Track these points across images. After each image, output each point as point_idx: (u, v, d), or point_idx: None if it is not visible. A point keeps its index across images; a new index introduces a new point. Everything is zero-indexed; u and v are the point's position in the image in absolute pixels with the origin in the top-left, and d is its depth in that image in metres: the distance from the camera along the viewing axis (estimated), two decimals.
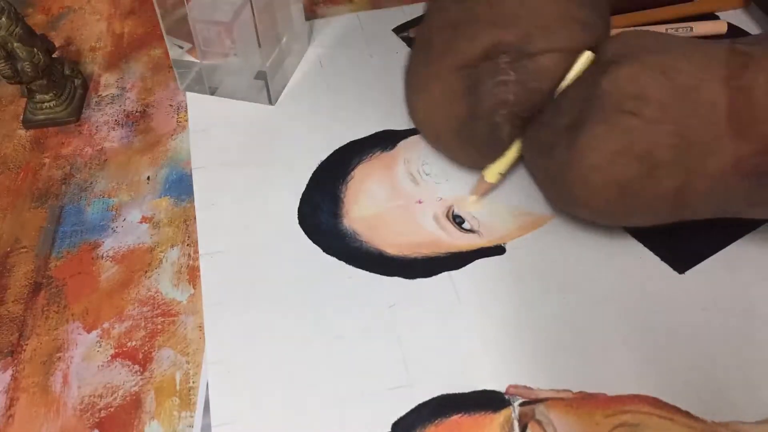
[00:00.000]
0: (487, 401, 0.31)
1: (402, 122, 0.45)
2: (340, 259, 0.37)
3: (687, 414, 0.30)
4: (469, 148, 0.39)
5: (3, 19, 0.42)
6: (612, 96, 0.31)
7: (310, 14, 0.54)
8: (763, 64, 0.30)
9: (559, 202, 0.36)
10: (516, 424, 0.31)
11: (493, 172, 0.39)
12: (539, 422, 0.30)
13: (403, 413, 0.31)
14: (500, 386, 0.32)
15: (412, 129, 0.44)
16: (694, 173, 0.31)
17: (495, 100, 0.36)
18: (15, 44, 0.43)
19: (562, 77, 0.35)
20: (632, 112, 0.31)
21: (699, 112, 0.30)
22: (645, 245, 0.37)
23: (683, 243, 0.37)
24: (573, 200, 0.34)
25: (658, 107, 0.31)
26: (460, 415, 0.31)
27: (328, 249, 0.38)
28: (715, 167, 0.31)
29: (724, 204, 0.32)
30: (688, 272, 0.36)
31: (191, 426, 0.32)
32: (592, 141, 0.32)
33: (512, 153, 0.38)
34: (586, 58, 0.35)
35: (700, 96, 0.30)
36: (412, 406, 0.32)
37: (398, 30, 0.52)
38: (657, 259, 0.37)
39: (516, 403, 0.31)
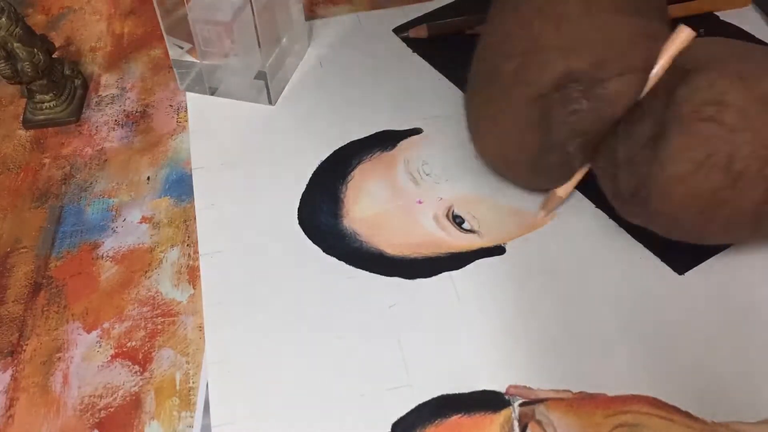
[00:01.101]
0: (487, 401, 0.31)
1: (402, 122, 0.45)
2: (340, 259, 0.38)
3: (687, 414, 0.30)
4: (540, 177, 0.38)
5: (3, 19, 0.42)
6: (690, 103, 0.31)
7: (310, 14, 0.54)
8: None
9: (639, 216, 0.35)
10: (516, 424, 0.31)
11: (566, 188, 0.38)
12: (539, 422, 0.30)
13: (403, 413, 0.31)
14: (500, 386, 0.32)
15: (412, 129, 0.44)
16: None
17: (568, 131, 0.34)
18: (15, 44, 0.43)
19: (635, 98, 0.34)
20: (712, 119, 0.30)
21: None
22: (645, 246, 0.37)
23: (683, 244, 0.37)
24: (655, 215, 0.33)
25: (738, 113, 0.30)
26: (460, 415, 0.31)
27: (328, 249, 0.38)
28: None
29: None
30: (687, 273, 0.36)
31: (191, 426, 0.32)
32: (674, 152, 0.31)
33: (584, 170, 0.38)
34: (685, 36, 0.33)
35: None
36: (412, 406, 0.32)
37: (398, 30, 0.52)
38: (657, 259, 0.37)
39: (516, 404, 0.31)
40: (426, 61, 0.49)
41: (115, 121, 0.47)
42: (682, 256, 0.37)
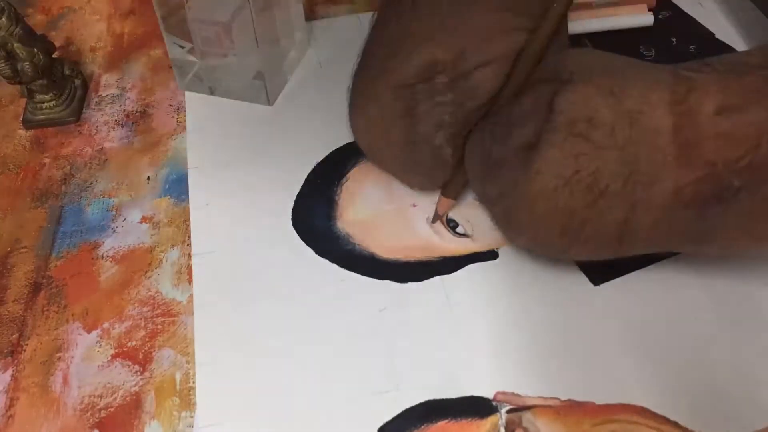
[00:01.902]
0: (475, 407, 0.32)
1: None
2: (332, 261, 0.38)
3: (675, 424, 0.31)
4: (416, 174, 0.38)
5: (3, 19, 0.42)
6: (565, 116, 0.30)
7: (310, 15, 0.54)
8: (707, 89, 0.29)
9: (503, 227, 0.35)
10: (503, 431, 0.31)
11: (451, 189, 0.38)
12: (526, 429, 0.31)
13: (389, 418, 0.32)
14: (488, 393, 0.32)
15: None
16: (639, 204, 0.30)
17: (432, 122, 0.35)
18: (15, 44, 0.43)
19: (498, 90, 0.34)
20: (583, 136, 0.30)
21: (644, 138, 0.30)
22: None
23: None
24: (515, 225, 0.33)
25: (608, 132, 0.30)
26: (447, 420, 0.31)
27: (320, 251, 0.38)
28: (658, 197, 0.30)
29: (667, 239, 0.31)
30: (681, 280, 0.36)
31: (191, 426, 0.32)
32: (543, 165, 0.31)
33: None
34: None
35: (645, 121, 0.30)
36: (399, 410, 0.32)
37: None
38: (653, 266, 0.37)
39: (503, 410, 0.31)
40: None
41: (115, 121, 0.47)
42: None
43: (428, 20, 0.34)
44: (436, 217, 0.39)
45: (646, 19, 0.49)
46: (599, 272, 0.36)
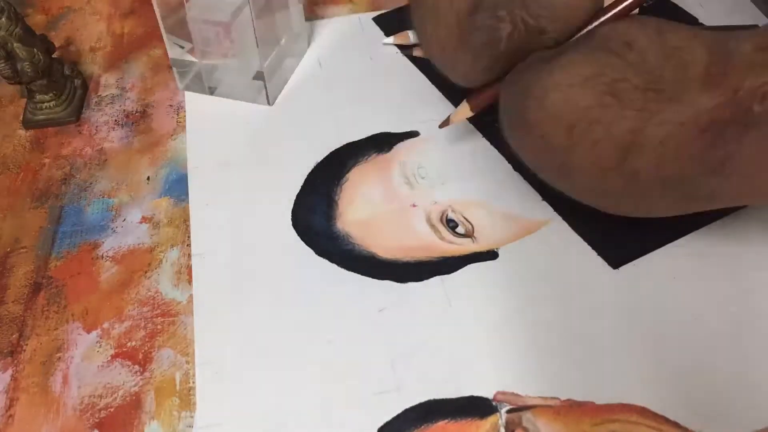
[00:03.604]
0: (475, 407, 0.32)
1: (399, 125, 0.45)
2: (332, 261, 0.38)
3: (675, 424, 0.31)
4: (465, 46, 0.37)
5: (3, 19, 0.42)
6: (602, 37, 0.32)
7: (311, 15, 0.54)
8: (747, 36, 0.31)
9: (513, 129, 0.35)
10: (503, 431, 0.31)
11: (476, 98, 0.39)
12: (526, 429, 0.31)
13: (389, 418, 0.32)
14: (488, 392, 0.32)
15: (409, 132, 0.44)
16: (652, 117, 0.31)
17: None
18: (15, 44, 0.43)
19: (576, 19, 0.35)
20: (615, 52, 0.31)
21: (676, 66, 0.31)
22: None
23: None
24: (524, 124, 0.33)
25: (640, 55, 0.31)
26: (446, 421, 0.31)
27: (320, 251, 0.38)
28: (674, 114, 0.30)
29: (678, 164, 0.31)
30: (678, 279, 0.36)
31: (191, 426, 0.32)
32: (565, 63, 0.32)
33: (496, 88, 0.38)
34: None
35: (682, 54, 0.31)
36: (399, 411, 0.32)
37: (379, 22, 0.52)
38: (649, 266, 0.37)
39: (503, 410, 0.31)
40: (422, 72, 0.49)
41: (115, 121, 0.47)
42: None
43: None
44: (446, 123, 0.41)
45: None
46: (617, 253, 0.37)
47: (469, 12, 0.36)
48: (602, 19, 0.36)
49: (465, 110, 0.40)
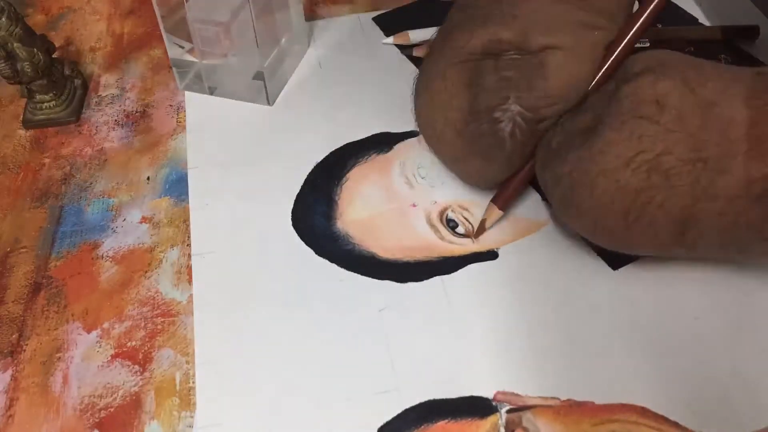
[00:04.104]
0: (475, 407, 0.32)
1: (399, 125, 0.45)
2: (332, 261, 0.38)
3: (675, 424, 0.31)
4: (472, 155, 0.37)
5: (3, 19, 0.42)
6: (631, 100, 0.31)
7: (310, 15, 0.54)
8: None
9: (563, 212, 0.35)
10: (503, 431, 0.31)
11: (500, 198, 0.38)
12: (526, 429, 0.31)
13: (389, 418, 0.32)
14: (488, 392, 0.32)
15: (409, 132, 0.44)
16: (704, 192, 0.30)
17: (496, 96, 0.35)
18: (15, 44, 0.43)
19: (569, 77, 0.34)
20: (649, 118, 0.30)
21: (717, 127, 0.30)
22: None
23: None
24: (574, 209, 0.33)
25: (676, 116, 0.30)
26: (446, 421, 0.31)
27: (320, 251, 0.38)
28: (726, 187, 0.30)
29: (733, 233, 0.31)
30: (678, 280, 0.36)
31: (191, 426, 0.32)
32: (604, 146, 0.31)
33: (523, 174, 0.37)
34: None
35: (720, 111, 0.30)
36: (399, 411, 0.32)
37: (379, 21, 0.53)
38: (646, 266, 0.37)
39: (503, 410, 0.32)
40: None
41: (115, 121, 0.47)
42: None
43: (490, 8, 0.35)
44: (481, 231, 0.38)
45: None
46: (615, 254, 0.36)
47: (465, 122, 0.36)
48: (607, 64, 0.35)
49: (495, 213, 0.38)
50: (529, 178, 0.38)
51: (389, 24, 0.53)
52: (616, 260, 0.37)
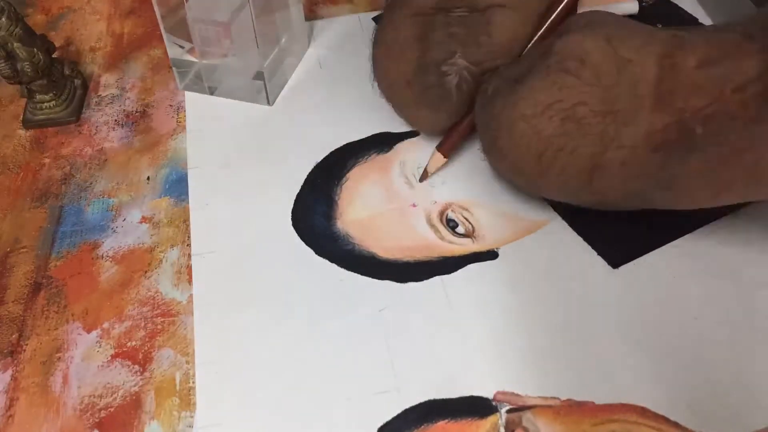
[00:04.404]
0: (475, 407, 0.32)
1: (399, 125, 0.45)
2: (332, 261, 0.38)
3: (675, 424, 0.31)
4: (420, 104, 0.40)
5: (3, 19, 0.42)
6: (558, 55, 0.33)
7: (310, 15, 0.54)
8: (694, 46, 0.31)
9: (488, 154, 0.37)
10: (503, 431, 0.31)
11: (446, 144, 0.40)
12: (526, 429, 0.31)
13: (389, 418, 0.32)
14: (488, 392, 0.32)
15: (409, 132, 0.44)
16: (610, 141, 0.32)
17: (444, 50, 0.38)
18: (15, 44, 0.43)
19: (517, 37, 0.37)
20: (571, 72, 0.32)
21: (629, 83, 0.32)
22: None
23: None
24: (497, 151, 0.35)
25: (594, 72, 0.32)
26: (446, 421, 0.31)
27: (320, 251, 0.38)
28: (630, 138, 0.32)
29: (637, 183, 0.33)
30: (678, 279, 0.36)
31: (191, 426, 0.32)
32: (527, 93, 0.33)
33: (466, 122, 0.40)
34: None
35: (633, 69, 0.32)
36: (399, 411, 0.32)
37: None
38: (649, 266, 0.37)
39: (503, 410, 0.31)
40: None
41: (115, 121, 0.47)
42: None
43: None
44: (425, 176, 0.41)
45: (632, 6, 0.51)
46: (617, 253, 0.37)
47: (414, 73, 0.39)
48: (546, 25, 0.38)
49: (439, 159, 0.41)
50: (472, 125, 0.40)
51: None
52: (616, 259, 0.37)
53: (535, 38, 0.38)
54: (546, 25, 0.38)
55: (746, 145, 0.30)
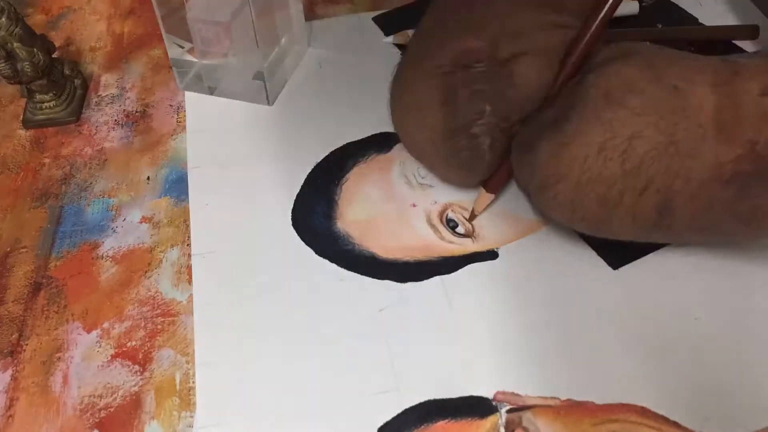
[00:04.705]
0: (474, 407, 0.32)
1: None
2: (332, 261, 0.38)
3: (675, 424, 0.31)
4: (453, 167, 0.37)
5: (3, 19, 0.42)
6: (599, 87, 0.31)
7: (310, 14, 0.54)
8: (753, 72, 0.30)
9: (539, 203, 0.35)
10: (503, 430, 0.31)
11: (492, 183, 0.38)
12: (526, 429, 0.31)
13: (389, 418, 0.32)
14: (488, 392, 0.32)
15: None
16: (676, 176, 0.31)
17: (471, 111, 0.35)
18: (15, 44, 0.43)
19: (541, 83, 0.34)
20: (619, 103, 0.31)
21: (685, 112, 0.30)
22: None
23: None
24: (553, 200, 0.33)
25: (645, 99, 0.30)
26: (446, 420, 0.31)
27: (320, 251, 0.38)
28: (697, 171, 0.30)
29: (709, 217, 0.31)
30: (678, 280, 0.36)
31: (191, 426, 0.32)
32: (574, 134, 0.31)
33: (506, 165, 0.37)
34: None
35: (687, 97, 0.30)
36: (399, 410, 0.32)
37: (378, 22, 0.53)
38: (650, 266, 0.37)
39: (503, 410, 0.31)
40: None
41: (115, 121, 0.47)
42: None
43: (462, 16, 0.35)
44: (474, 216, 0.39)
45: (632, 7, 0.51)
46: (616, 254, 0.37)
47: (443, 140, 0.36)
48: (570, 63, 0.34)
49: (486, 197, 0.39)
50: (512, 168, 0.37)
51: (389, 24, 0.53)
52: (616, 260, 0.37)
53: (560, 80, 0.35)
54: (571, 61, 0.34)
55: None
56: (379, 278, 0.37)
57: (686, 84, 0.30)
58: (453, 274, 0.37)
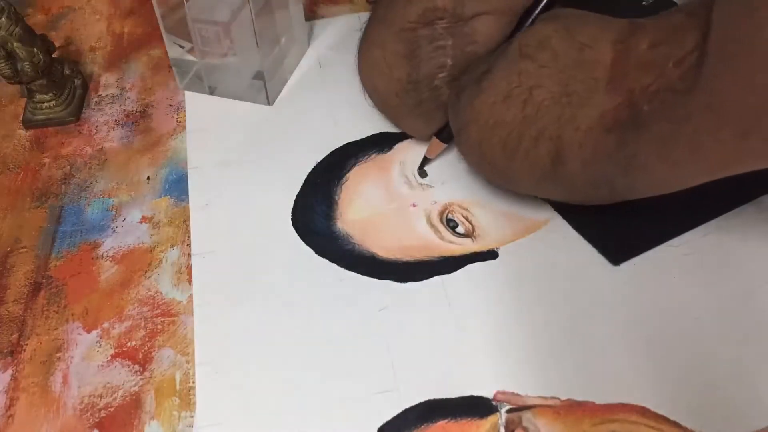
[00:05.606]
0: (475, 407, 0.32)
1: None
2: (332, 261, 0.38)
3: (675, 424, 0.31)
4: (415, 116, 0.40)
5: (3, 19, 0.42)
6: (519, 44, 0.34)
7: (310, 14, 0.54)
8: (648, 29, 0.31)
9: (458, 145, 0.38)
10: (503, 430, 0.31)
11: (446, 133, 0.40)
12: (526, 429, 0.31)
13: (389, 417, 0.32)
14: (488, 392, 0.32)
15: None
16: (567, 124, 0.32)
17: (433, 65, 0.38)
18: (15, 44, 0.43)
19: (498, 39, 0.37)
20: (529, 56, 0.33)
21: (584, 66, 0.32)
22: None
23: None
24: (465, 143, 0.36)
25: (552, 55, 0.33)
26: (446, 420, 0.31)
27: (320, 251, 0.38)
28: (585, 120, 0.32)
29: (596, 167, 0.33)
30: (680, 279, 0.36)
31: (191, 426, 0.32)
32: (490, 83, 0.34)
33: None
34: None
35: (590, 52, 0.32)
36: (399, 410, 0.32)
37: None
38: (652, 265, 0.37)
39: (503, 410, 0.31)
40: None
41: (115, 120, 0.47)
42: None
43: None
44: (425, 162, 0.42)
45: None
46: (617, 251, 0.37)
47: (406, 91, 0.39)
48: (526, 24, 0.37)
49: (438, 146, 0.41)
50: None
51: None
52: (617, 257, 0.37)
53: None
54: (527, 24, 0.37)
55: (684, 117, 0.29)
56: (379, 278, 0.37)
57: (592, 41, 0.32)
58: (453, 274, 0.37)
